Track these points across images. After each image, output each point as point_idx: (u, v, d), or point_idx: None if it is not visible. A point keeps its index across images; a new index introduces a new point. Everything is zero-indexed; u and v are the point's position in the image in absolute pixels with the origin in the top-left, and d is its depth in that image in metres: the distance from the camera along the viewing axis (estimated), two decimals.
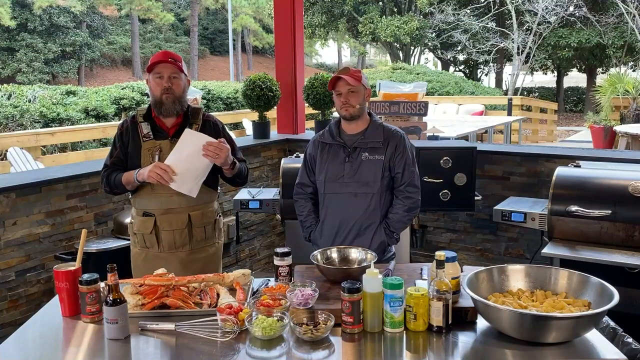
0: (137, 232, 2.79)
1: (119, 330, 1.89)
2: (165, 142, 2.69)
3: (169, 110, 2.68)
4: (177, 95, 2.67)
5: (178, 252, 2.75)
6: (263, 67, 31.24)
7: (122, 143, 2.76)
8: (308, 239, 2.94)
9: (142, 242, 2.78)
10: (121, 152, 2.76)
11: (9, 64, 24.28)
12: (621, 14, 17.13)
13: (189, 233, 2.76)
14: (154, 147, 2.68)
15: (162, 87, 2.64)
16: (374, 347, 1.86)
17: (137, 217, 2.80)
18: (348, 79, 2.68)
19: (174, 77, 2.66)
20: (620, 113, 11.84)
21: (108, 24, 29.11)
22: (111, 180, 2.75)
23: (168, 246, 2.74)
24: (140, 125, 2.73)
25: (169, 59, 2.65)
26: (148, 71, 2.68)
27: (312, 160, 2.90)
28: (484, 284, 2.01)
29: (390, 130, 2.82)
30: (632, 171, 3.33)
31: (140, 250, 2.80)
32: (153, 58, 2.68)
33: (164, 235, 2.74)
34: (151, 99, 2.73)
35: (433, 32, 22.67)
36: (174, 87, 2.65)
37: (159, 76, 2.65)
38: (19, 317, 3.48)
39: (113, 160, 2.78)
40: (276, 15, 5.62)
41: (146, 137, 2.70)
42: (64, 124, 9.63)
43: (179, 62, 2.68)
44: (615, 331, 2.00)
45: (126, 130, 2.76)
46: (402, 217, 2.80)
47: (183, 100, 2.73)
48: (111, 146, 2.84)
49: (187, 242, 2.77)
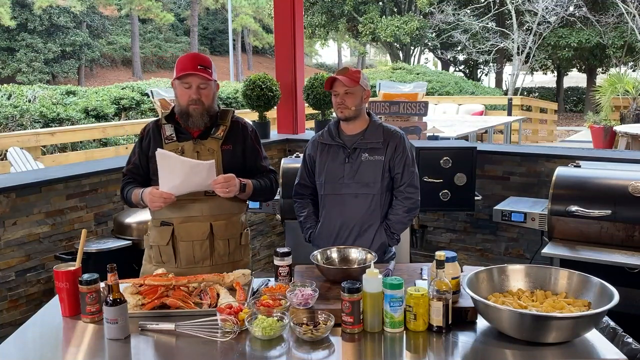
0: (153, 244, 2.57)
1: (119, 330, 1.89)
2: (188, 143, 2.52)
3: (196, 123, 2.49)
4: (206, 106, 2.48)
5: (197, 268, 2.48)
6: (263, 67, 31.24)
7: (141, 149, 2.59)
8: (308, 240, 2.92)
9: (158, 257, 2.55)
10: (139, 159, 2.60)
11: (9, 64, 24.29)
12: (621, 14, 17.13)
13: (210, 246, 2.53)
14: (175, 150, 2.49)
15: (189, 97, 2.45)
16: (374, 347, 1.86)
17: (153, 228, 2.58)
18: (344, 80, 2.65)
19: (203, 88, 2.47)
20: (620, 113, 11.84)
21: (108, 24, 29.11)
22: (125, 195, 2.61)
23: (186, 260, 2.51)
24: (163, 127, 2.56)
25: (197, 66, 2.43)
26: (176, 73, 2.46)
27: (312, 161, 2.88)
28: (484, 284, 2.01)
29: (390, 131, 2.80)
30: (632, 171, 3.33)
31: (155, 266, 2.52)
32: (180, 64, 2.46)
33: (181, 247, 2.51)
34: (177, 107, 2.55)
35: (433, 32, 22.68)
36: (202, 99, 2.46)
37: (187, 86, 2.45)
38: (19, 317, 3.48)
39: (129, 167, 2.64)
40: (276, 15, 5.62)
41: (169, 139, 2.52)
42: (64, 124, 9.64)
43: (209, 68, 2.47)
44: (615, 331, 2.00)
45: (147, 134, 2.59)
46: (402, 217, 2.79)
47: (212, 109, 2.54)
48: (131, 151, 2.67)
49: (208, 256, 2.53)
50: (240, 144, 2.62)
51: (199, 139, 2.53)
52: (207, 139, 2.54)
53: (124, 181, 2.65)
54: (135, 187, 2.57)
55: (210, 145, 2.54)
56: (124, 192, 2.61)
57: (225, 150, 2.56)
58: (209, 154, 2.52)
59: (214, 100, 2.54)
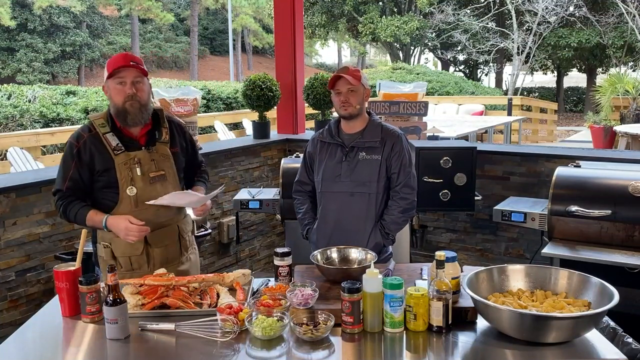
0: (121, 256, 2.48)
1: (119, 330, 1.89)
2: (142, 152, 2.46)
3: (135, 119, 2.42)
4: (142, 102, 2.41)
5: (169, 267, 2.48)
6: (263, 67, 31.24)
7: (80, 161, 2.42)
8: (305, 237, 2.94)
9: (128, 265, 2.49)
10: (78, 174, 2.43)
11: (9, 64, 24.29)
12: (621, 14, 17.13)
13: (180, 245, 2.61)
14: (129, 160, 2.42)
15: (125, 94, 2.37)
16: (374, 347, 1.86)
17: (115, 240, 2.46)
18: (349, 78, 2.67)
19: (138, 82, 2.40)
20: (620, 113, 11.84)
21: (108, 24, 29.11)
22: (70, 215, 2.44)
23: (160, 263, 2.51)
24: (105, 137, 2.42)
25: (130, 62, 2.37)
26: (108, 77, 2.39)
27: (311, 159, 2.91)
28: (484, 284, 2.01)
29: (388, 130, 2.81)
30: (632, 171, 3.33)
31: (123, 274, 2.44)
32: (112, 62, 2.39)
33: (156, 252, 2.51)
34: (112, 108, 2.44)
35: (433, 32, 22.68)
36: (138, 94, 2.39)
37: (121, 82, 2.38)
38: (19, 317, 3.48)
39: (68, 184, 2.43)
40: (276, 15, 5.62)
41: (117, 150, 2.41)
42: (64, 124, 9.63)
43: (141, 64, 2.41)
44: (615, 331, 2.00)
45: (85, 145, 2.42)
46: (397, 218, 2.79)
47: (149, 107, 2.47)
48: (61, 166, 2.46)
49: (178, 255, 2.61)
50: (181, 143, 2.65)
51: (149, 146, 2.49)
52: (155, 144, 2.52)
53: (65, 199, 2.45)
54: (86, 208, 2.45)
55: (162, 151, 2.53)
56: (69, 212, 2.44)
57: (174, 153, 2.58)
58: (164, 159, 2.52)
59: (149, 98, 2.49)
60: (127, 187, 2.43)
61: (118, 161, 2.42)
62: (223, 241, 4.88)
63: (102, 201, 2.48)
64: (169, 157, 2.54)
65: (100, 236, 2.52)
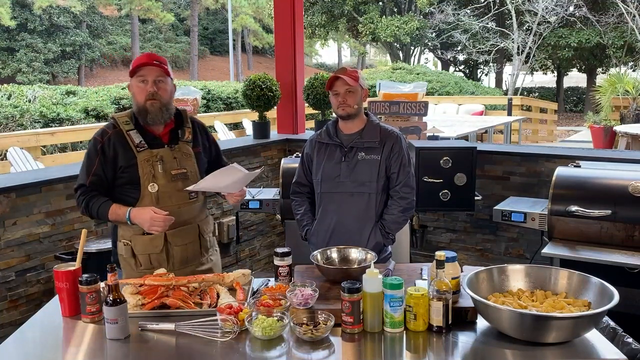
0: (141, 253, 2.49)
1: (119, 330, 1.89)
2: (164, 150, 2.47)
3: (155, 119, 2.43)
4: (163, 101, 2.42)
5: (189, 266, 2.53)
6: (263, 67, 31.24)
7: (105, 157, 2.43)
8: (304, 238, 2.94)
9: (147, 263, 2.48)
10: (102, 169, 2.44)
11: (9, 64, 24.28)
12: (621, 14, 17.13)
13: (200, 243, 2.60)
14: (152, 157, 2.43)
15: (146, 92, 2.39)
16: (374, 347, 1.86)
17: (136, 237, 2.48)
18: (346, 79, 2.68)
19: (160, 81, 2.42)
20: (620, 113, 11.84)
21: (108, 24, 29.11)
22: (93, 209, 2.44)
23: (180, 262, 2.52)
24: (129, 134, 2.44)
25: (153, 61, 2.40)
26: (130, 75, 2.42)
27: (309, 160, 2.91)
28: (484, 284, 2.01)
29: (387, 130, 2.82)
30: (632, 171, 3.33)
31: (143, 272, 2.43)
32: (135, 61, 2.43)
33: (175, 251, 2.50)
34: (134, 106, 2.46)
35: (433, 32, 22.70)
36: (159, 93, 2.40)
37: (143, 80, 2.40)
38: (19, 317, 3.48)
39: (91, 179, 2.44)
40: (276, 15, 5.62)
41: (140, 147, 2.43)
42: (64, 124, 9.64)
43: (164, 64, 2.43)
44: (615, 331, 2.00)
45: (109, 142, 2.44)
46: (397, 217, 2.81)
47: (170, 108, 2.49)
48: (85, 161, 2.47)
49: (199, 255, 2.60)
50: (204, 144, 2.66)
51: (172, 144, 2.50)
52: (178, 143, 2.53)
53: (88, 194, 2.45)
54: (109, 202, 2.44)
55: (184, 149, 2.54)
56: (92, 206, 2.44)
57: (197, 152, 2.59)
58: (186, 158, 2.53)
59: (171, 98, 2.50)
60: (149, 183, 2.43)
61: (141, 158, 2.42)
62: (223, 241, 4.88)
63: (123, 198, 2.47)
64: (191, 156, 2.54)
65: (121, 234, 2.52)
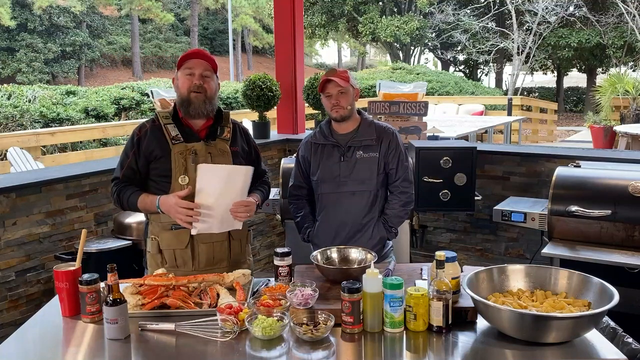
0: (166, 248, 2.47)
1: (119, 330, 1.89)
2: (199, 144, 2.43)
3: (197, 110, 2.41)
4: (208, 94, 2.42)
5: (215, 269, 2.45)
6: (263, 67, 31.26)
7: (139, 150, 2.44)
8: (306, 240, 2.94)
9: (172, 260, 2.46)
10: (135, 162, 2.45)
11: (9, 64, 24.30)
12: (621, 14, 17.13)
13: (228, 246, 2.52)
14: (186, 150, 2.41)
15: (191, 83, 2.39)
16: (374, 347, 1.86)
17: (164, 232, 2.46)
18: (338, 81, 2.70)
19: (207, 76, 2.42)
20: (620, 113, 11.85)
21: (108, 24, 29.12)
22: (124, 200, 2.45)
23: (205, 262, 2.47)
24: (166, 128, 2.44)
25: (202, 55, 2.43)
26: (178, 67, 2.44)
27: (306, 162, 2.91)
28: (484, 284, 2.01)
29: (382, 127, 2.84)
30: (632, 171, 3.33)
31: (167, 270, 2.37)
32: (184, 55, 2.45)
33: (201, 248, 2.46)
34: (177, 98, 2.46)
35: (433, 32, 22.69)
36: (205, 86, 2.40)
37: (190, 72, 2.41)
38: (19, 317, 3.48)
39: (125, 172, 2.46)
40: (276, 15, 5.62)
41: (175, 140, 2.42)
42: (64, 124, 9.65)
43: (212, 61, 2.46)
44: (615, 331, 2.00)
45: (145, 135, 2.44)
46: (399, 211, 2.84)
47: (214, 102, 2.47)
48: (122, 155, 2.49)
49: (226, 257, 2.52)
50: (242, 145, 2.61)
51: (208, 139, 2.47)
52: (215, 140, 2.49)
53: (120, 185, 2.47)
54: (139, 192, 2.45)
55: (220, 146, 2.50)
56: (122, 196, 2.45)
57: (234, 152, 2.53)
58: (220, 154, 2.48)
59: (215, 94, 2.48)
60: (180, 175, 2.41)
61: (174, 150, 2.41)
62: None
63: (154, 191, 2.45)
64: (227, 154, 2.49)
65: (150, 230, 2.52)
